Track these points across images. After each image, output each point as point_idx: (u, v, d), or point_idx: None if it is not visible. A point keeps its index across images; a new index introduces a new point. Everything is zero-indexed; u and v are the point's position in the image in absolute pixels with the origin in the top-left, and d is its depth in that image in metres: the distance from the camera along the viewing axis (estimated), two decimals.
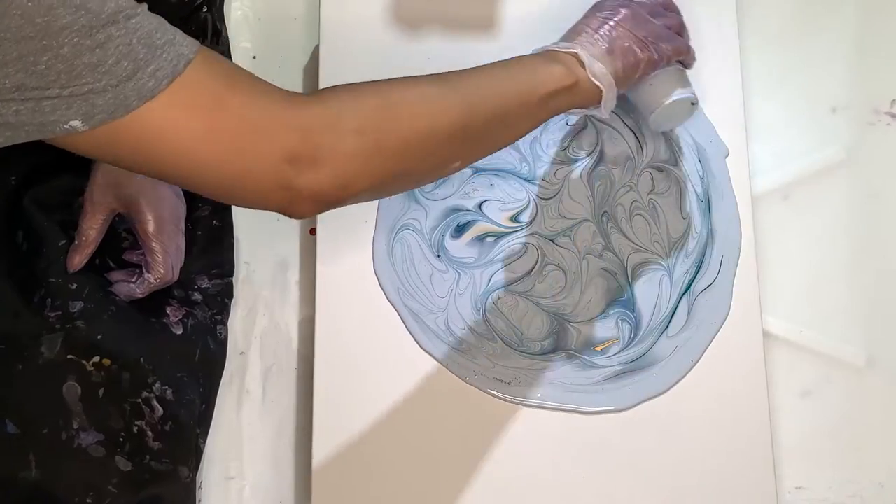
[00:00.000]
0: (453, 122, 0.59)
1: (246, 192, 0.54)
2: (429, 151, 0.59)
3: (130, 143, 0.50)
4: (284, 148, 0.52)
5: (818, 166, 0.83)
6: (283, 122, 0.53)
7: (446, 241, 0.77)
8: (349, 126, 0.54)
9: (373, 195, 0.61)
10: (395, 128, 0.57)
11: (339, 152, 0.54)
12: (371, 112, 0.56)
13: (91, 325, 0.68)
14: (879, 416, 0.79)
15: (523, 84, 0.64)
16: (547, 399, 0.74)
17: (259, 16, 0.86)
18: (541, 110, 0.65)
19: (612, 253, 0.77)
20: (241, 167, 0.52)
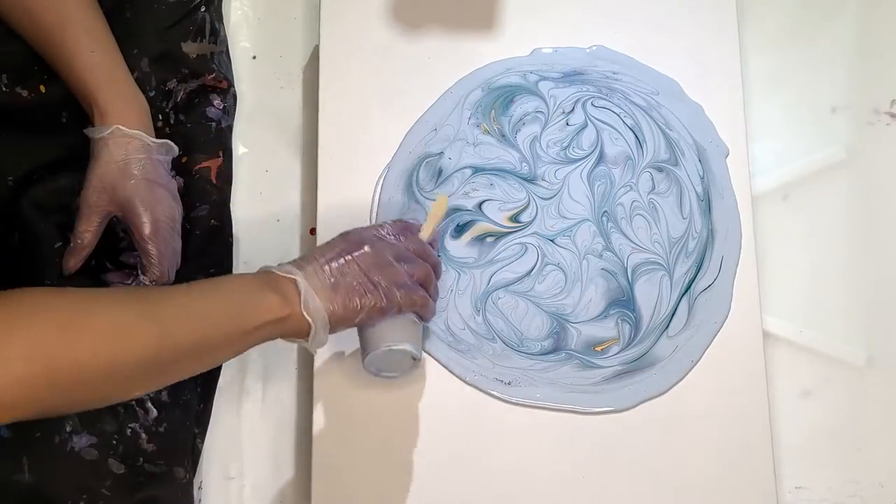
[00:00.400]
0: (143, 354, 0.54)
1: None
2: (109, 383, 0.54)
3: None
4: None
5: (818, 166, 0.83)
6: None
7: (446, 240, 0.77)
8: (17, 352, 0.49)
9: (38, 417, 0.55)
10: (72, 358, 0.51)
11: (3, 376, 0.49)
12: (48, 337, 0.51)
13: None
14: (879, 416, 0.78)
15: (230, 315, 0.59)
16: (547, 399, 0.74)
17: (259, 16, 0.86)
18: (244, 342, 0.60)
19: (612, 253, 0.77)
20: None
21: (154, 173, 0.70)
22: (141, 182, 0.69)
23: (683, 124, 0.79)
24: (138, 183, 0.69)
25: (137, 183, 0.69)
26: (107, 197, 0.69)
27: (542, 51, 0.81)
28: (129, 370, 0.54)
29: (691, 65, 0.80)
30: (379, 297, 0.64)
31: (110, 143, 0.68)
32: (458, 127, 0.79)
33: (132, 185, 0.69)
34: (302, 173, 0.83)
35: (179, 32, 0.77)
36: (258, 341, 0.61)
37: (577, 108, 0.79)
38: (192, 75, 0.78)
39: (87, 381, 0.52)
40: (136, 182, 0.69)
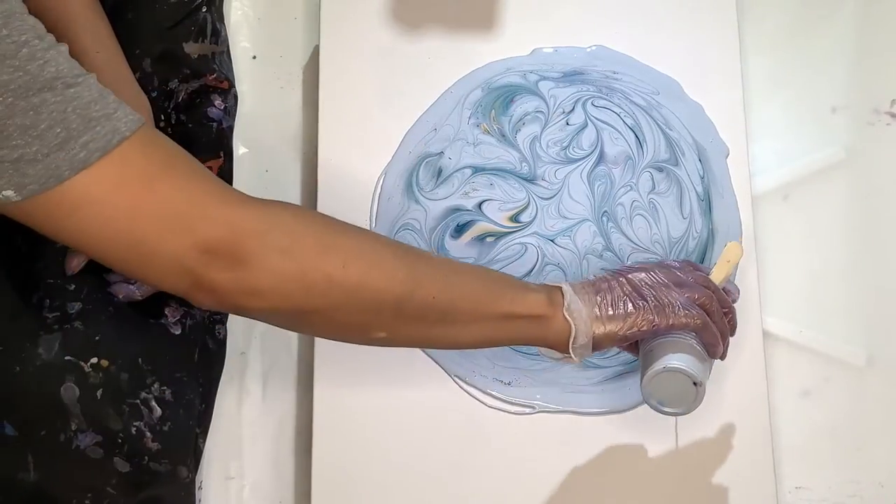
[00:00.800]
0: (391, 288, 0.55)
1: (151, 268, 0.52)
2: (353, 305, 0.56)
3: (61, 214, 0.49)
4: (203, 238, 0.51)
5: (818, 166, 0.83)
6: (209, 214, 0.51)
7: (446, 241, 0.76)
8: (279, 243, 0.52)
9: (279, 321, 0.58)
10: (325, 265, 0.53)
11: (259, 261, 0.52)
12: (308, 238, 0.54)
13: (89, 326, 0.67)
14: (879, 416, 0.78)
15: (489, 294, 0.59)
16: (546, 400, 0.73)
17: (259, 15, 0.86)
18: (499, 329, 0.60)
19: (612, 253, 0.76)
20: (154, 247, 0.51)
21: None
22: None
23: (684, 124, 0.79)
24: None
25: None
26: None
27: (542, 50, 0.80)
28: (376, 298, 0.55)
29: (691, 65, 0.80)
30: (648, 309, 0.62)
31: None
32: (457, 127, 0.79)
33: None
34: (302, 173, 0.83)
35: (181, 33, 0.77)
36: (514, 336, 0.61)
37: (577, 107, 0.79)
38: (193, 75, 0.77)
39: (332, 296, 0.54)
40: None
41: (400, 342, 0.62)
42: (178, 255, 0.51)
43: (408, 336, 0.60)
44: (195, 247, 0.51)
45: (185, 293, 0.54)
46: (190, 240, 0.51)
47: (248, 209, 0.53)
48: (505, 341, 0.62)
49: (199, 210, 0.51)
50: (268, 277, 0.52)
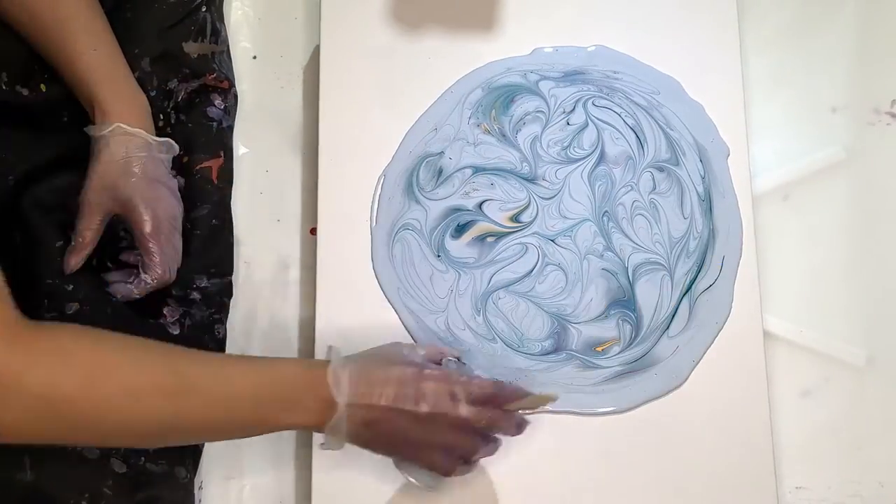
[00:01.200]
0: (157, 420, 0.55)
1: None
2: (117, 435, 0.57)
3: None
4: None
5: (818, 166, 0.82)
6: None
7: (446, 241, 0.76)
8: (39, 387, 0.51)
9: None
10: (87, 409, 0.53)
11: (17, 404, 0.51)
12: (68, 383, 0.52)
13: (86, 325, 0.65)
14: (879, 416, 0.77)
15: (256, 412, 0.59)
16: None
17: (259, 15, 0.85)
18: (261, 432, 0.61)
19: (613, 253, 0.76)
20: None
21: (155, 171, 0.69)
22: (142, 180, 0.68)
23: (684, 124, 0.78)
24: (139, 181, 0.68)
25: (138, 181, 0.68)
26: (108, 195, 0.68)
27: (542, 50, 0.80)
28: (141, 429, 0.55)
29: (691, 65, 0.79)
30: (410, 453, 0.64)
31: (111, 142, 0.67)
32: (458, 126, 0.78)
33: (133, 183, 0.68)
34: (302, 173, 0.82)
35: (180, 32, 0.76)
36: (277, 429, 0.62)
37: (577, 107, 0.78)
38: (193, 75, 0.77)
39: (98, 431, 0.55)
40: (137, 180, 0.68)
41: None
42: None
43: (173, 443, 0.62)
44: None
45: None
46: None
47: (10, 340, 0.51)
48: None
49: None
50: (19, 419, 0.51)
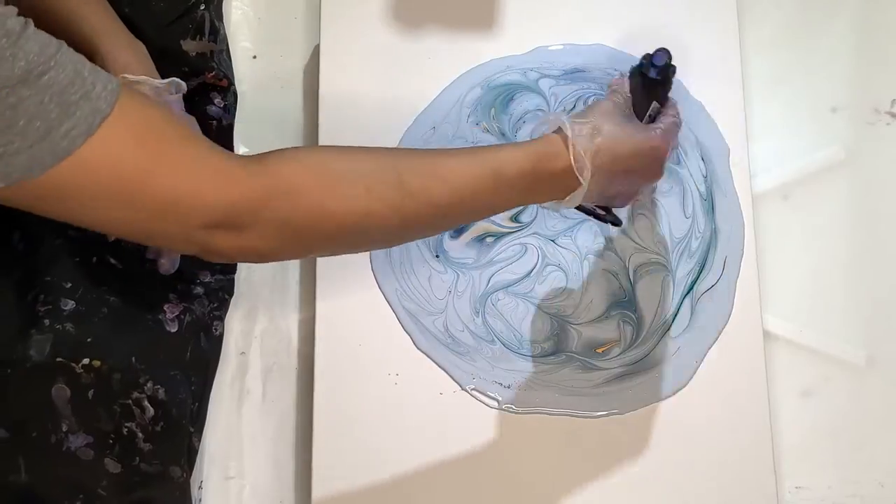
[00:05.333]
0: (391, 219, 0.54)
1: (157, 241, 0.54)
2: (357, 241, 0.56)
3: (49, 198, 0.47)
4: (203, 221, 0.50)
5: (818, 166, 0.80)
6: (206, 201, 0.50)
7: (445, 241, 0.73)
8: (275, 213, 0.51)
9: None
10: (324, 220, 0.53)
11: (263, 231, 0.51)
12: (302, 198, 0.52)
13: (81, 327, 0.65)
14: (879, 416, 0.75)
15: (484, 178, 0.56)
16: (547, 403, 0.71)
17: (259, 15, 0.83)
18: (501, 200, 0.58)
19: (613, 253, 0.73)
20: (159, 231, 0.50)
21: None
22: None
23: (686, 123, 0.75)
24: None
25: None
26: None
27: (542, 49, 0.77)
28: (378, 233, 0.55)
29: (691, 64, 0.77)
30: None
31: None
32: (457, 125, 0.76)
33: None
34: None
35: (179, 30, 0.74)
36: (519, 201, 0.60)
37: (578, 105, 0.76)
38: (192, 73, 0.75)
39: (338, 240, 0.55)
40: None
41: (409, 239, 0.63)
42: (182, 236, 0.50)
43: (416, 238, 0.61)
44: (197, 227, 0.50)
45: (197, 255, 0.53)
46: (191, 223, 0.50)
47: (243, 183, 0.51)
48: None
49: (193, 198, 0.49)
50: (268, 243, 0.52)
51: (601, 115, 0.59)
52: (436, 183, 0.55)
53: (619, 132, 0.58)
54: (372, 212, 0.53)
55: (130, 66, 0.65)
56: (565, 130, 0.57)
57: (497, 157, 0.56)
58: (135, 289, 0.70)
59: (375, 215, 0.53)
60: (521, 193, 0.58)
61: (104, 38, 0.65)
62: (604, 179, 0.58)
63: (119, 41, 0.66)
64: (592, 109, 0.60)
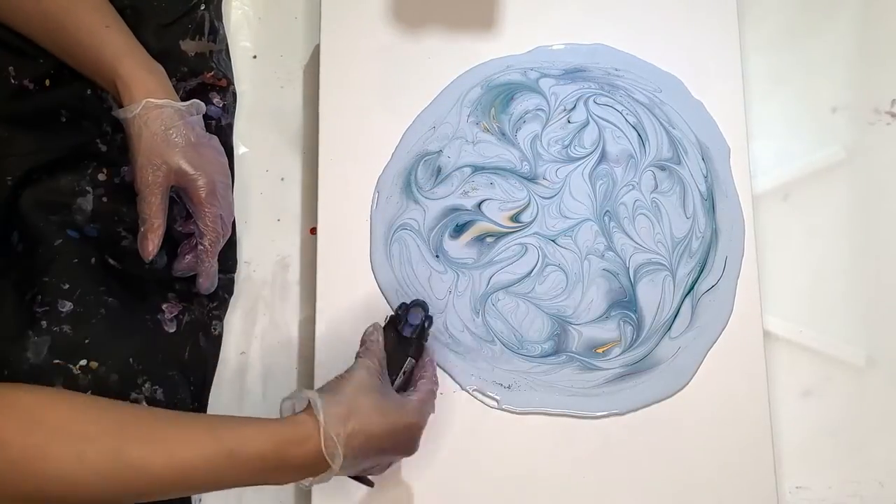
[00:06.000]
0: (101, 490, 0.51)
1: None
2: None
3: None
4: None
5: (818, 166, 0.79)
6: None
7: (445, 241, 0.72)
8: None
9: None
10: (26, 481, 0.49)
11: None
12: (5, 455, 0.49)
13: (78, 329, 0.64)
14: (879, 416, 0.74)
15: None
16: (547, 404, 0.70)
17: (259, 15, 0.82)
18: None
19: (614, 253, 0.72)
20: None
21: (194, 135, 0.66)
22: (187, 148, 0.65)
23: (686, 122, 0.75)
24: (184, 150, 0.65)
25: (183, 150, 0.65)
26: (162, 172, 0.65)
27: (542, 48, 0.76)
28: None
29: (691, 64, 0.76)
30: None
31: (147, 119, 0.64)
32: (456, 125, 0.75)
33: (179, 152, 0.65)
34: (302, 173, 0.79)
35: (178, 30, 0.74)
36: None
37: (578, 105, 0.75)
38: (191, 73, 0.74)
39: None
40: (182, 149, 0.65)
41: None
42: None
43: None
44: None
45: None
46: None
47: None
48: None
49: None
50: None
51: (356, 390, 0.57)
52: (159, 457, 0.51)
53: (373, 412, 0.57)
54: (79, 482, 0.50)
55: (152, 90, 0.65)
56: (316, 413, 0.55)
57: (235, 436, 0.53)
58: (133, 289, 0.69)
59: (82, 485, 0.50)
60: (259, 475, 0.55)
61: (125, 61, 0.64)
62: (356, 460, 0.57)
63: (140, 65, 0.65)
64: (346, 383, 0.58)
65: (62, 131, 0.70)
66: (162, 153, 0.64)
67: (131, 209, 0.70)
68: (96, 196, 0.70)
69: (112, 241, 0.70)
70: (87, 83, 0.69)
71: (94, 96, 0.71)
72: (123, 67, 0.64)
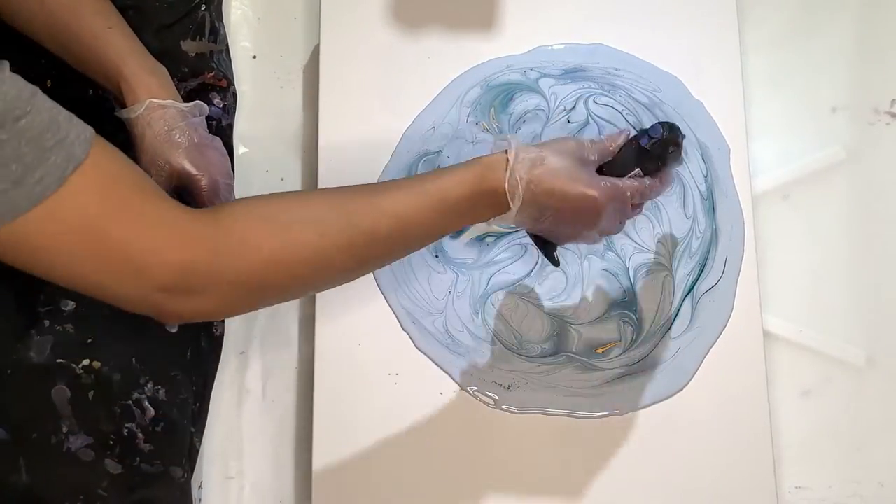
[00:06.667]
0: (344, 261, 0.54)
1: (118, 301, 0.52)
2: (311, 286, 0.58)
3: (21, 247, 0.47)
4: (158, 283, 0.50)
5: (818, 166, 0.78)
6: (160, 259, 0.50)
7: (445, 241, 0.72)
8: (232, 274, 0.51)
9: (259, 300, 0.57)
10: (279, 272, 0.53)
11: (217, 292, 0.51)
12: (254, 253, 0.52)
13: (81, 328, 0.64)
14: (879, 416, 0.74)
15: (429, 203, 0.56)
16: (547, 405, 0.70)
17: (259, 15, 0.82)
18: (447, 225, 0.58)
19: (614, 253, 0.72)
20: (117, 289, 0.50)
21: (197, 136, 0.66)
22: (189, 149, 0.65)
23: (686, 122, 0.74)
24: (187, 150, 0.65)
25: (186, 151, 0.65)
26: (165, 172, 0.65)
27: (542, 48, 0.76)
28: (332, 275, 0.55)
29: (691, 64, 0.76)
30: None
31: (150, 119, 0.64)
32: (456, 125, 0.74)
33: (182, 153, 0.65)
34: (302, 173, 0.79)
35: (179, 31, 0.73)
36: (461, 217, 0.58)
37: (578, 105, 0.74)
38: (191, 74, 0.74)
39: (291, 291, 0.56)
40: (185, 150, 0.65)
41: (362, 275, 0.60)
42: (138, 297, 0.51)
43: (372, 266, 0.60)
44: (152, 289, 0.50)
45: (154, 317, 0.53)
46: (146, 284, 0.50)
47: (197, 242, 0.51)
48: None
49: (150, 256, 0.49)
50: (223, 302, 0.52)
51: (556, 149, 0.57)
52: (384, 219, 0.55)
53: (562, 171, 0.57)
54: (325, 257, 0.53)
55: (155, 91, 0.64)
56: (510, 152, 0.56)
57: (440, 185, 0.56)
58: None
59: (328, 259, 0.53)
60: (466, 215, 0.58)
61: (128, 62, 0.64)
62: (535, 211, 0.57)
63: (143, 66, 0.65)
64: (551, 143, 0.59)
65: None
66: (165, 153, 0.64)
67: None
68: None
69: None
70: (89, 84, 0.69)
71: (96, 97, 0.71)
72: (127, 68, 0.64)
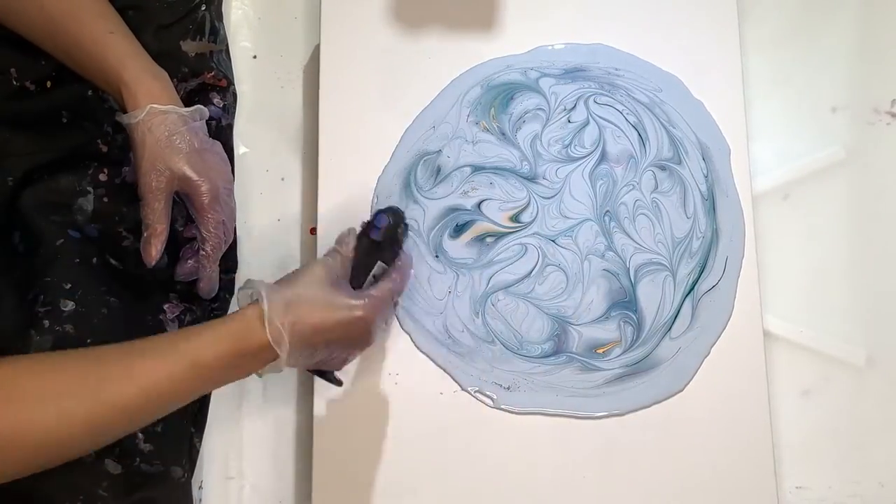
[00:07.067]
0: (85, 437, 0.52)
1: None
2: (50, 462, 0.53)
3: None
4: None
5: (818, 166, 0.78)
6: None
7: (445, 241, 0.72)
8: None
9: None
10: (14, 448, 0.50)
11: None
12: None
13: (81, 328, 0.64)
14: (879, 416, 0.74)
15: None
16: (547, 405, 0.69)
17: (259, 15, 0.81)
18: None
19: (614, 253, 0.71)
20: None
21: (198, 141, 0.66)
22: (190, 154, 0.65)
23: (687, 122, 0.74)
24: (188, 156, 0.65)
25: (187, 156, 0.65)
26: (165, 178, 0.64)
27: (542, 48, 0.75)
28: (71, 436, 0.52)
29: (691, 64, 0.75)
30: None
31: (151, 124, 0.64)
32: (456, 125, 0.74)
33: (183, 158, 0.65)
34: (302, 173, 0.78)
35: (179, 31, 0.73)
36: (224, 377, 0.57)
37: (578, 104, 0.74)
38: (191, 74, 0.73)
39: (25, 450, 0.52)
40: (186, 155, 0.65)
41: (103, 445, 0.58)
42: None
43: (116, 437, 0.56)
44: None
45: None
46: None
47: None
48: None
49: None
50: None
51: (306, 282, 0.58)
52: (131, 389, 0.52)
53: (320, 303, 0.57)
54: (65, 437, 0.51)
55: (156, 96, 0.64)
56: (261, 303, 0.56)
57: (193, 347, 0.55)
58: (135, 289, 0.69)
59: (69, 439, 0.51)
60: (224, 374, 0.56)
61: (129, 66, 0.64)
62: (306, 350, 0.57)
63: (144, 70, 0.65)
64: (298, 275, 0.59)
65: (63, 132, 0.70)
66: (166, 159, 0.64)
67: (132, 209, 0.69)
68: (97, 196, 0.69)
69: (113, 241, 0.70)
70: (88, 84, 0.69)
71: (95, 97, 0.71)
72: (127, 73, 0.64)
